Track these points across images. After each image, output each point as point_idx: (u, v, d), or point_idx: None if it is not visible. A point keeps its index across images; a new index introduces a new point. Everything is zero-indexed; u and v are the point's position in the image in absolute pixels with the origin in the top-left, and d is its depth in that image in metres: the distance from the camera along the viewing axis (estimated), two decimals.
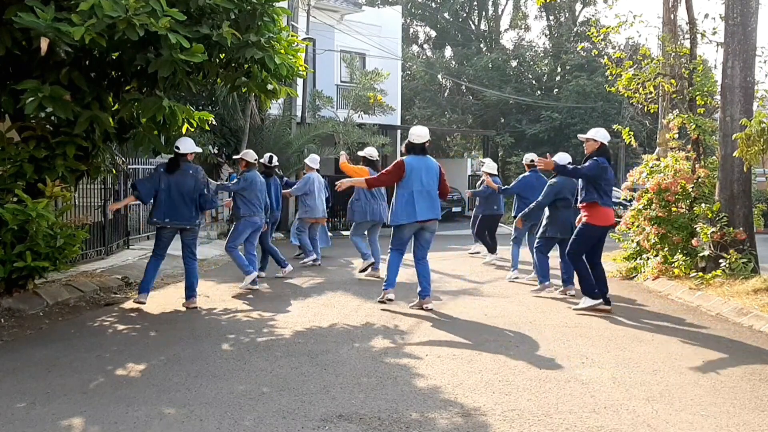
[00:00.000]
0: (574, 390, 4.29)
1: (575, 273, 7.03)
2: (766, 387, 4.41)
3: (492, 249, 10.98)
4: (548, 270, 7.93)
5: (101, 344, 5.53)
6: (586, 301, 6.86)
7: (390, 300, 7.08)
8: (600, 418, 3.79)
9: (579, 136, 7.35)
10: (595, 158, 6.81)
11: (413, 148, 6.97)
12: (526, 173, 9.34)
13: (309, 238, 10.59)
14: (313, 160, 10.73)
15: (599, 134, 6.92)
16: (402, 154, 7.26)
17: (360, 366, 4.82)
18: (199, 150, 7.65)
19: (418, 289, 6.95)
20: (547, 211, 7.86)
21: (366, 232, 9.41)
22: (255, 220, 8.24)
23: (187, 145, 7.12)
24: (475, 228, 11.21)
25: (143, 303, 6.99)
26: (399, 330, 6.02)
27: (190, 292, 7.09)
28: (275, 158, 9.64)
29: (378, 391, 4.24)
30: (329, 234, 11.99)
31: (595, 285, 6.85)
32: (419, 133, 7.03)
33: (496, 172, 10.92)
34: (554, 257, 7.98)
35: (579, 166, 6.93)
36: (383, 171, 7.27)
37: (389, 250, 7.10)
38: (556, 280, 8.02)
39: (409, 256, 7.16)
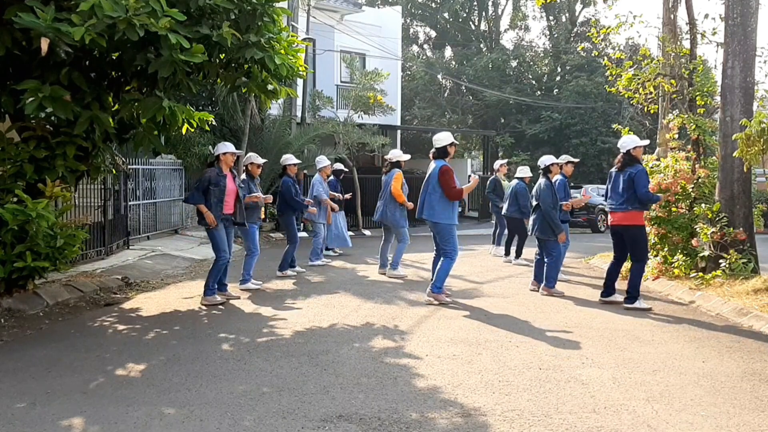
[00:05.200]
0: (574, 390, 4.29)
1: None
2: (766, 387, 4.41)
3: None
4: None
5: (101, 344, 5.53)
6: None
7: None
8: (600, 419, 3.79)
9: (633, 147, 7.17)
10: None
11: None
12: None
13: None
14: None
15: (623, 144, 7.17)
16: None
17: (360, 366, 4.82)
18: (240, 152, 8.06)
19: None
20: (537, 213, 8.06)
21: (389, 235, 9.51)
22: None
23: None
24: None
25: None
26: (399, 330, 6.02)
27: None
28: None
29: (378, 392, 4.24)
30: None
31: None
32: (436, 138, 7.49)
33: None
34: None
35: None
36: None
37: (449, 253, 7.24)
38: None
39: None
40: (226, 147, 7.39)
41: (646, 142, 7.21)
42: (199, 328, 6.15)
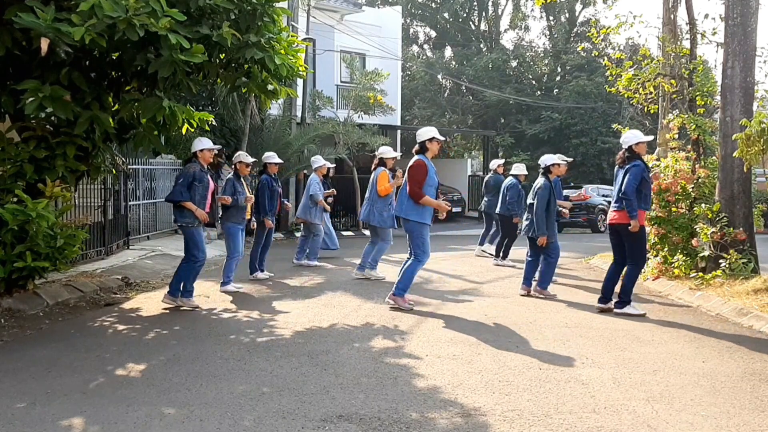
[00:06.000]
0: (574, 390, 4.29)
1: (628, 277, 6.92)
2: (766, 387, 4.41)
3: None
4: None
5: (101, 344, 5.53)
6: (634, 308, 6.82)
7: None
8: (600, 419, 3.79)
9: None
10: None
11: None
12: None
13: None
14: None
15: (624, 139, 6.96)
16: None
17: (360, 366, 4.82)
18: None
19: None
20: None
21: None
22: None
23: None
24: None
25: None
26: (399, 330, 6.02)
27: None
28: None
29: (378, 392, 4.24)
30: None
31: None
32: (417, 133, 7.11)
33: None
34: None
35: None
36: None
37: (417, 255, 6.85)
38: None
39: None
40: (203, 143, 7.09)
41: (650, 138, 7.01)
42: (199, 328, 6.15)
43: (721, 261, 7.95)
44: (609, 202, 21.56)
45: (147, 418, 3.77)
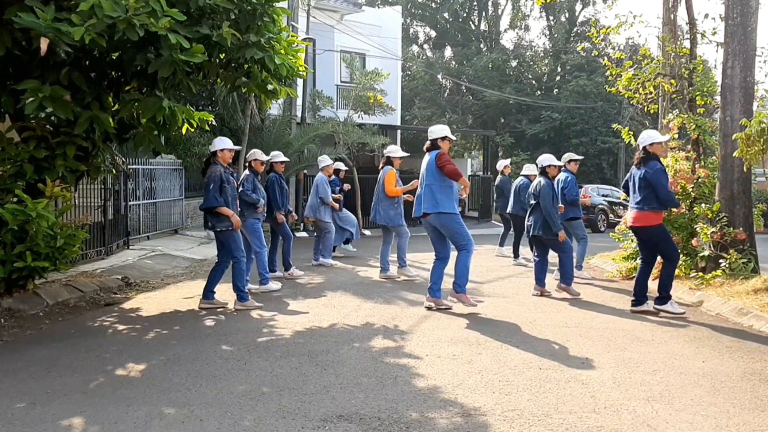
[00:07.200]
0: (574, 390, 4.29)
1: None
2: (766, 387, 4.41)
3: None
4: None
5: (101, 344, 5.53)
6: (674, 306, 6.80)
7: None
8: (600, 418, 3.79)
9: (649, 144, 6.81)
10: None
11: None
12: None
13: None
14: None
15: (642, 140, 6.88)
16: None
17: (360, 366, 4.82)
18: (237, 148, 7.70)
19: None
20: (536, 213, 7.83)
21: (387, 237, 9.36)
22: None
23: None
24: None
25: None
26: (399, 330, 6.02)
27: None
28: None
29: (378, 391, 4.24)
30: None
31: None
32: (430, 130, 7.12)
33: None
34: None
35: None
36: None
37: (463, 246, 6.77)
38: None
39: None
40: (224, 143, 6.99)
41: (666, 137, 6.95)
42: (199, 328, 6.15)
43: (721, 261, 7.95)
44: (609, 203, 21.71)
45: (147, 418, 3.77)
